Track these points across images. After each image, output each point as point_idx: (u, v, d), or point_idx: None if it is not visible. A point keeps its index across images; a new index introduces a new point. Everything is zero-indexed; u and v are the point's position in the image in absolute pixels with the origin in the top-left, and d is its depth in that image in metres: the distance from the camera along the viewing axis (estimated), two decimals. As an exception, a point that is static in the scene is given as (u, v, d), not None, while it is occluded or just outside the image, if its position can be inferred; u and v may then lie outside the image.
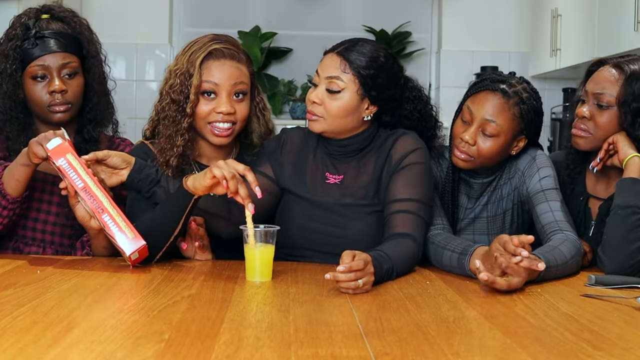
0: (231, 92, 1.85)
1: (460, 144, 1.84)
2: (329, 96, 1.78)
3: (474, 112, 1.83)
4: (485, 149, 1.82)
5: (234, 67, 1.85)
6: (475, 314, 1.33)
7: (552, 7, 4.01)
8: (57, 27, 1.92)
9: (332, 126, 1.80)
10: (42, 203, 1.94)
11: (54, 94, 1.89)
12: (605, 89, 1.84)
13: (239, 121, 1.87)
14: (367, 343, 1.11)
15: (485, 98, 1.83)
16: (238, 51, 1.88)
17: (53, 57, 1.89)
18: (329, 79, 1.78)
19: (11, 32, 1.91)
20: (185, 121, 1.84)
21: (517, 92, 1.82)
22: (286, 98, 4.55)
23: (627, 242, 1.71)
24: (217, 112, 1.84)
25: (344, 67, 1.77)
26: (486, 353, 1.09)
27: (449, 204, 1.93)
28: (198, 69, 1.82)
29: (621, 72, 1.83)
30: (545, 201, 1.80)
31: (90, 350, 1.05)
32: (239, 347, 1.08)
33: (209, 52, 1.84)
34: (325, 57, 1.82)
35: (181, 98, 1.84)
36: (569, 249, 1.69)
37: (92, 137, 1.99)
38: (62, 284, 1.49)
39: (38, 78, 1.89)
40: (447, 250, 1.73)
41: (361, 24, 4.51)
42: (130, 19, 4.39)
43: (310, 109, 1.81)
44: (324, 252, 1.80)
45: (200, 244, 1.79)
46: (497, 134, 1.81)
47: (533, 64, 4.33)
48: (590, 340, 1.16)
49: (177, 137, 1.85)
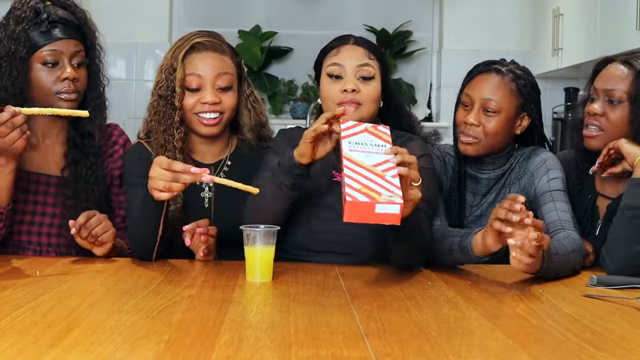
0: (215, 82, 1.87)
1: (465, 129, 1.88)
2: (363, 83, 1.80)
3: (472, 95, 1.88)
4: (490, 128, 1.86)
5: (217, 58, 1.88)
6: (476, 314, 1.32)
7: (553, 7, 4.00)
8: (64, 14, 1.87)
9: (370, 111, 1.83)
10: (37, 205, 1.90)
11: (66, 81, 1.84)
12: (616, 84, 1.85)
13: (226, 110, 1.90)
14: (368, 344, 1.11)
15: (482, 79, 1.89)
16: (221, 43, 1.91)
17: (66, 44, 1.85)
18: (360, 67, 1.81)
19: (20, 14, 1.84)
20: (177, 114, 1.88)
21: (510, 70, 1.90)
22: (286, 98, 4.54)
23: (632, 243, 1.70)
24: (203, 102, 1.86)
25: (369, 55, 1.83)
26: (487, 354, 1.09)
27: (455, 201, 1.93)
28: (181, 63, 1.86)
29: (631, 68, 1.85)
30: (551, 201, 1.81)
31: (90, 351, 1.04)
32: (239, 347, 1.07)
33: (191, 45, 1.88)
34: (343, 48, 1.83)
35: (168, 93, 1.88)
36: (570, 243, 1.69)
37: (87, 131, 1.95)
38: (62, 285, 1.49)
39: (48, 64, 1.84)
40: (446, 238, 1.73)
41: (362, 23, 4.50)
42: (130, 18, 4.38)
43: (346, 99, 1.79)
44: (328, 251, 1.80)
45: (205, 252, 1.79)
46: (499, 110, 1.86)
47: (534, 64, 4.32)
48: (592, 341, 1.16)
49: (172, 130, 1.88)
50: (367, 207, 1.41)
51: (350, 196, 1.41)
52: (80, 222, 1.75)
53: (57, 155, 1.94)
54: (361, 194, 1.41)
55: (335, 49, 1.85)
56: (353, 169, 1.47)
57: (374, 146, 1.53)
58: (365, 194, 1.41)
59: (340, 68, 1.82)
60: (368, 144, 1.54)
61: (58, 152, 1.95)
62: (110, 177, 2.00)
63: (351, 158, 1.49)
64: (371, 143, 1.54)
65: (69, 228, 1.77)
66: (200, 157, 1.95)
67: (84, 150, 1.93)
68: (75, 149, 1.93)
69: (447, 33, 4.50)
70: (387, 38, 4.45)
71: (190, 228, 1.76)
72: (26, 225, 1.89)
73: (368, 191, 1.42)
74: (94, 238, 1.77)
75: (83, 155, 1.93)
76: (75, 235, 1.77)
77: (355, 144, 1.53)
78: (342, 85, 1.80)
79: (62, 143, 1.95)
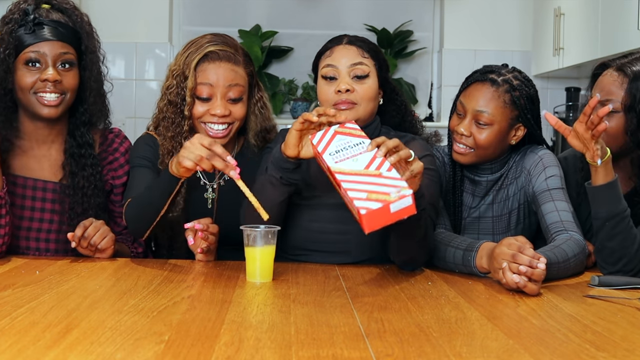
0: (226, 94, 1.86)
1: (457, 137, 1.86)
2: (358, 82, 1.80)
3: (465, 105, 1.86)
4: (481, 139, 1.83)
5: (229, 69, 1.87)
6: (477, 314, 1.32)
7: (554, 6, 4.00)
8: (57, 17, 1.84)
9: (366, 111, 1.82)
10: (35, 211, 1.88)
11: (46, 82, 1.80)
12: (610, 94, 1.82)
13: (236, 121, 1.89)
14: (369, 344, 1.10)
15: (475, 89, 1.85)
16: (235, 53, 1.89)
17: (50, 45, 1.81)
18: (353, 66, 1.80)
19: (8, 16, 1.83)
20: (186, 124, 1.88)
21: (506, 80, 1.84)
22: (287, 97, 4.53)
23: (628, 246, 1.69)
24: (212, 114, 1.86)
25: (362, 53, 1.83)
26: (488, 354, 1.09)
27: (452, 203, 1.92)
28: (193, 72, 1.85)
29: (625, 76, 1.81)
30: (551, 200, 1.79)
31: (90, 351, 1.04)
32: (240, 348, 1.07)
33: (204, 54, 1.86)
34: (336, 49, 1.83)
35: (178, 100, 1.87)
36: (571, 247, 1.67)
37: (85, 141, 1.92)
38: (61, 285, 1.49)
39: (30, 63, 1.80)
40: (450, 247, 1.72)
41: (362, 23, 4.50)
42: (129, 18, 4.38)
43: (341, 99, 1.79)
44: (327, 251, 1.80)
45: (203, 250, 1.78)
46: (491, 123, 1.83)
47: (536, 63, 4.32)
48: (593, 342, 1.15)
49: (180, 138, 1.87)
50: (383, 211, 1.39)
51: (362, 208, 1.38)
52: (78, 235, 1.76)
53: (53, 161, 1.92)
54: (371, 201, 1.39)
55: (329, 50, 1.85)
56: (349, 180, 1.45)
57: (353, 147, 1.51)
58: (375, 200, 1.39)
59: (334, 69, 1.81)
60: (347, 147, 1.52)
61: (54, 157, 1.92)
62: (109, 186, 1.98)
63: (341, 170, 1.48)
64: (349, 145, 1.52)
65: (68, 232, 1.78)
66: None
67: (81, 161, 1.91)
68: (72, 159, 1.90)
69: (448, 33, 4.50)
70: (388, 38, 4.45)
71: (191, 226, 1.76)
72: (24, 231, 1.87)
73: (376, 196, 1.40)
74: (94, 247, 1.78)
75: (81, 167, 1.90)
76: (76, 247, 1.78)
77: (336, 153, 1.51)
78: (336, 86, 1.80)
79: (58, 149, 1.93)
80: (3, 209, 1.76)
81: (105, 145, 1.98)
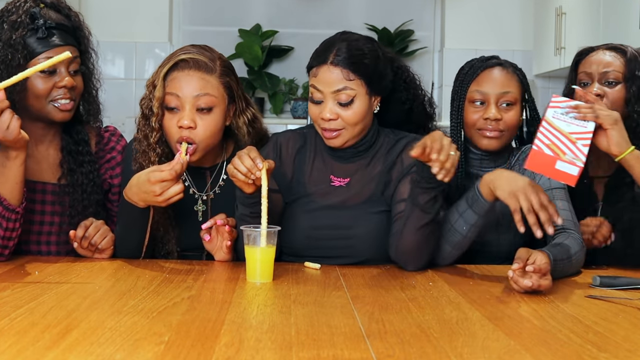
0: (194, 104, 1.76)
1: (484, 126, 1.87)
2: (342, 108, 1.75)
3: (486, 92, 1.87)
4: (510, 119, 1.87)
5: (199, 77, 1.77)
6: (478, 315, 1.32)
7: (556, 5, 3.99)
8: (60, 20, 1.83)
9: (354, 133, 1.79)
10: (35, 214, 1.86)
11: (63, 89, 1.80)
12: (610, 66, 1.92)
13: (202, 140, 1.77)
14: (369, 345, 1.10)
15: (490, 75, 1.88)
16: (210, 62, 1.79)
17: (63, 51, 1.76)
18: (336, 92, 1.75)
19: (16, 19, 1.78)
20: (154, 136, 1.80)
21: (508, 62, 1.92)
22: (287, 97, 4.53)
23: None
24: (179, 126, 1.77)
25: (348, 75, 1.74)
26: (490, 355, 1.08)
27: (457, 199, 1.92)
28: (162, 81, 1.77)
29: (619, 51, 1.94)
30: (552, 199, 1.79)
31: (89, 352, 1.04)
32: (240, 349, 1.07)
33: (174, 63, 1.78)
34: (320, 70, 1.77)
35: (147, 112, 1.80)
36: (572, 244, 1.70)
37: (81, 137, 1.91)
38: (61, 285, 1.48)
39: (45, 72, 1.78)
40: (450, 212, 1.74)
41: (363, 22, 4.50)
42: (129, 17, 4.38)
43: (326, 127, 1.77)
44: (329, 256, 1.79)
45: (230, 243, 1.76)
46: (515, 102, 1.88)
47: (537, 63, 4.31)
48: (595, 342, 1.15)
49: (150, 152, 1.81)
50: (549, 160, 1.58)
51: (537, 146, 1.58)
52: (79, 235, 1.76)
53: (51, 161, 1.91)
54: (547, 147, 1.58)
55: (315, 69, 1.79)
56: (549, 130, 1.61)
57: (577, 121, 1.63)
58: (551, 149, 1.58)
59: (319, 92, 1.77)
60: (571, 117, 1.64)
61: (52, 158, 1.91)
62: (107, 185, 1.96)
63: (551, 123, 1.62)
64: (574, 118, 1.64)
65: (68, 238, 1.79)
66: (198, 162, 1.85)
67: (79, 158, 1.89)
68: (70, 156, 1.89)
69: (449, 32, 4.50)
70: (389, 37, 4.45)
71: (210, 224, 1.75)
72: (24, 234, 1.84)
73: (555, 148, 1.58)
74: (94, 247, 1.77)
75: (78, 164, 1.89)
76: (77, 247, 1.78)
77: (560, 114, 1.64)
78: (320, 113, 1.76)
79: (56, 149, 1.91)
80: (17, 223, 1.75)
81: (102, 144, 1.97)
